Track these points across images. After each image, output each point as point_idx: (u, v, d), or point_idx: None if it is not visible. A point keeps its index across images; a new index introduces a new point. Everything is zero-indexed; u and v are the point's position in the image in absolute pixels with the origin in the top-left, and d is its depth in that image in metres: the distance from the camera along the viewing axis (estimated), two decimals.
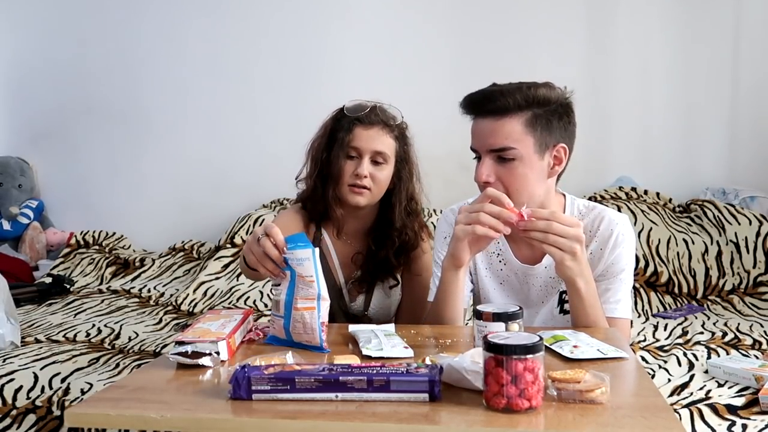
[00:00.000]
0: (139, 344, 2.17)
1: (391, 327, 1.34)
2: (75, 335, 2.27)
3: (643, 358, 1.93)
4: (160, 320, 2.53)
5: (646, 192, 3.00)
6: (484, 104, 1.32)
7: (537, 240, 1.23)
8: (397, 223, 1.66)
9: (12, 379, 1.73)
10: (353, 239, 1.71)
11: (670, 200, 3.01)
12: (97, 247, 3.46)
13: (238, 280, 2.90)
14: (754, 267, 2.66)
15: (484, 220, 1.24)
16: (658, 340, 2.14)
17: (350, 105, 1.64)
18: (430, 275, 1.60)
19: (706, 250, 2.71)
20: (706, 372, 1.76)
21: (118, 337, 2.27)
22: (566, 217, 1.24)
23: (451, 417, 0.90)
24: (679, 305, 2.60)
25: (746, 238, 2.70)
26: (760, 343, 2.05)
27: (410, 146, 1.70)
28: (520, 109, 1.30)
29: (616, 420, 0.88)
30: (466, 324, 1.45)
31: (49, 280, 3.07)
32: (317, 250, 1.19)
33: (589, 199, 2.77)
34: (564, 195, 1.50)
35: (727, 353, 1.93)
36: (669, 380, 1.72)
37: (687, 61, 3.10)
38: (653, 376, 1.74)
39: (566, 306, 1.44)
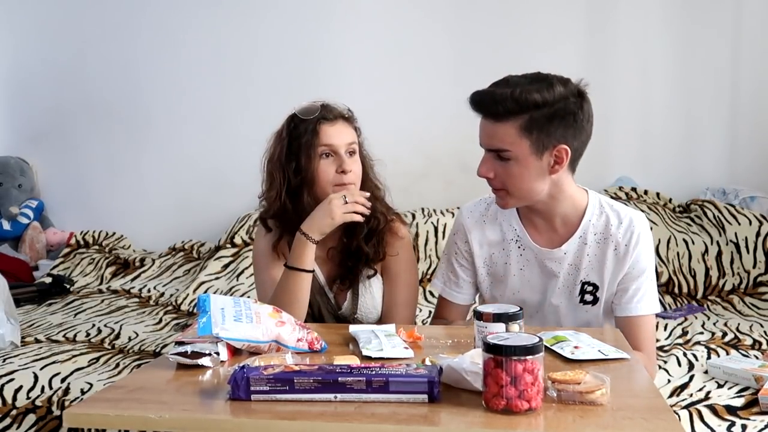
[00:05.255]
0: (139, 344, 2.17)
1: (391, 327, 1.34)
2: (75, 335, 2.27)
3: None
4: (160, 320, 2.52)
5: (646, 192, 2.99)
6: (482, 107, 1.37)
7: None
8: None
9: (12, 379, 1.73)
10: (326, 236, 1.60)
11: (670, 200, 3.00)
12: (97, 247, 3.46)
13: (237, 280, 2.90)
14: (754, 267, 2.65)
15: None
16: (658, 341, 2.14)
17: (301, 109, 1.60)
18: (412, 275, 1.62)
19: (706, 250, 2.71)
20: (706, 372, 1.75)
21: (118, 337, 2.27)
22: None
23: (451, 418, 0.90)
24: (679, 305, 2.60)
25: (746, 238, 2.70)
26: (760, 343, 2.05)
27: (362, 133, 1.67)
28: (514, 114, 1.32)
29: (616, 421, 0.88)
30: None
31: (49, 280, 3.07)
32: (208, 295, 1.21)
33: None
34: (587, 191, 1.50)
35: (727, 353, 1.93)
36: (669, 381, 1.72)
37: (687, 61, 3.09)
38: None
39: (587, 297, 1.45)
